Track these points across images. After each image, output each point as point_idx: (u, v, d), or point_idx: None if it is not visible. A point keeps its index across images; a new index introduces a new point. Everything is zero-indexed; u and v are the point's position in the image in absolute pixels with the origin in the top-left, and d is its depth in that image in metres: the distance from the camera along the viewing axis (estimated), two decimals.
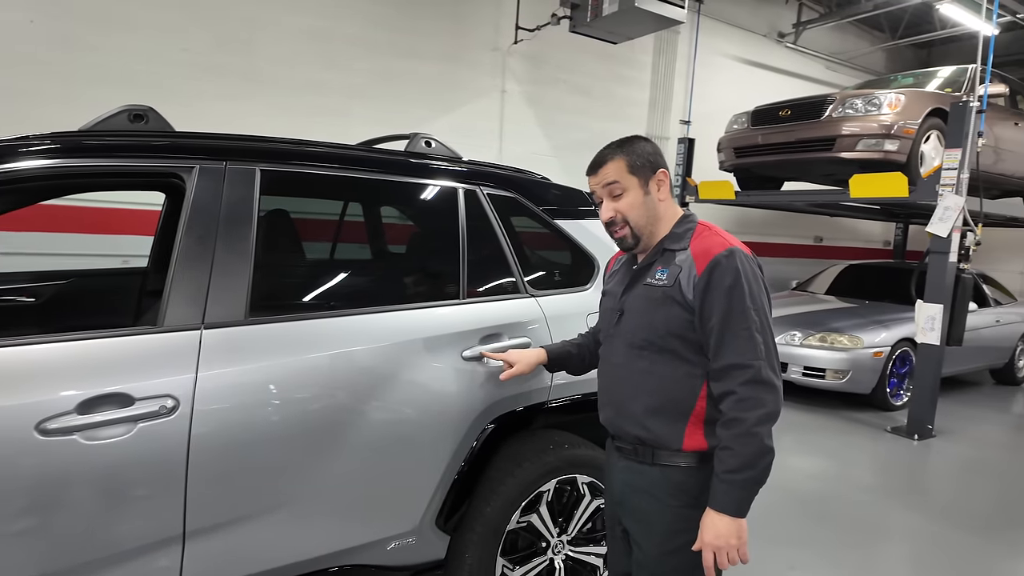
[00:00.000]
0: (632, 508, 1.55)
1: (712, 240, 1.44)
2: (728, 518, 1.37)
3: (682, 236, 1.48)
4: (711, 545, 1.38)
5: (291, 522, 1.64)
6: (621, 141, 1.52)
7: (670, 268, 1.45)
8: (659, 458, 1.48)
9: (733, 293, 1.36)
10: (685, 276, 1.41)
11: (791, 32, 8.72)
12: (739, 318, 1.36)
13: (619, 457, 1.59)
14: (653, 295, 1.46)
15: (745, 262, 1.40)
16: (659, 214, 1.50)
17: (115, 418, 1.40)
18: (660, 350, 1.45)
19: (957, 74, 6.34)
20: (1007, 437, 5.45)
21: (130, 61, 4.70)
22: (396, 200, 2.36)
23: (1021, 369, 7.27)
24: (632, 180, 1.48)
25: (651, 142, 1.53)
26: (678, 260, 1.45)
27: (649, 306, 1.47)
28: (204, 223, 1.61)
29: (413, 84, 5.98)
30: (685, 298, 1.41)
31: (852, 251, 9.95)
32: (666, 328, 1.44)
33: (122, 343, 1.48)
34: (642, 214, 1.48)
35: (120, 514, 1.44)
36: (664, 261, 1.48)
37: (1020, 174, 6.58)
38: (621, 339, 1.54)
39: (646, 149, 1.50)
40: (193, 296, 1.56)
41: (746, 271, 1.39)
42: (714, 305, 1.37)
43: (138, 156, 1.61)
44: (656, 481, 1.49)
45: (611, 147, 1.51)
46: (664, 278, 1.45)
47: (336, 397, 1.69)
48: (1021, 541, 3.37)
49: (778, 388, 1.37)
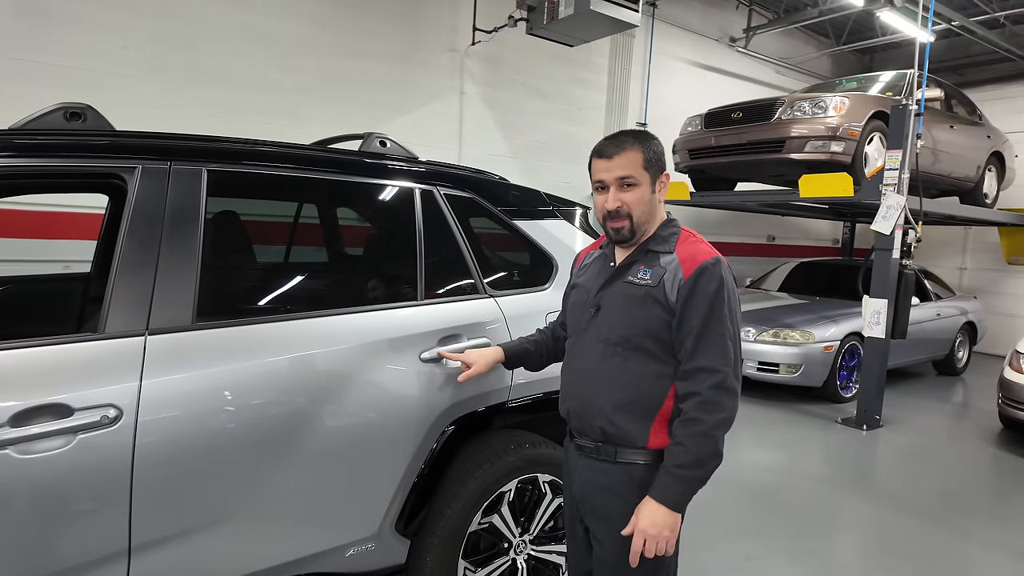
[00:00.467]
0: (594, 506, 1.56)
1: (699, 247, 1.49)
2: (666, 509, 1.40)
3: (667, 239, 1.52)
4: (643, 532, 1.41)
5: (244, 532, 1.59)
6: (639, 133, 1.51)
7: (654, 269, 1.48)
8: (621, 456, 1.50)
9: (716, 300, 1.42)
10: (670, 278, 1.45)
11: (742, 37, 8.95)
12: (717, 324, 1.41)
13: (579, 456, 1.60)
14: (635, 293, 1.49)
15: (727, 273, 1.46)
16: (656, 214, 1.54)
17: (52, 430, 1.34)
18: (635, 348, 1.48)
19: (897, 79, 6.62)
20: (950, 425, 5.71)
21: (65, 59, 4.50)
22: (351, 201, 2.32)
23: (961, 360, 7.63)
24: (645, 176, 1.49)
25: (660, 141, 1.56)
26: (663, 262, 1.48)
27: (629, 304, 1.49)
28: (147, 225, 1.55)
29: (369, 85, 5.90)
30: (668, 300, 1.44)
31: (803, 249, 10.29)
32: (644, 327, 1.46)
33: (60, 351, 1.41)
34: (644, 211, 1.51)
35: (61, 530, 1.37)
36: (647, 261, 1.51)
37: (956, 174, 6.92)
38: (594, 334, 1.55)
39: (659, 148, 1.53)
40: (136, 301, 1.50)
41: (728, 281, 1.45)
42: (696, 309, 1.42)
43: (75, 156, 1.54)
44: (618, 479, 1.51)
45: (629, 137, 1.49)
46: (648, 278, 1.48)
47: (289, 403, 1.65)
48: (967, 525, 3.53)
49: (736, 397, 1.43)
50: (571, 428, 1.64)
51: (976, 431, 5.41)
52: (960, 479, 4.31)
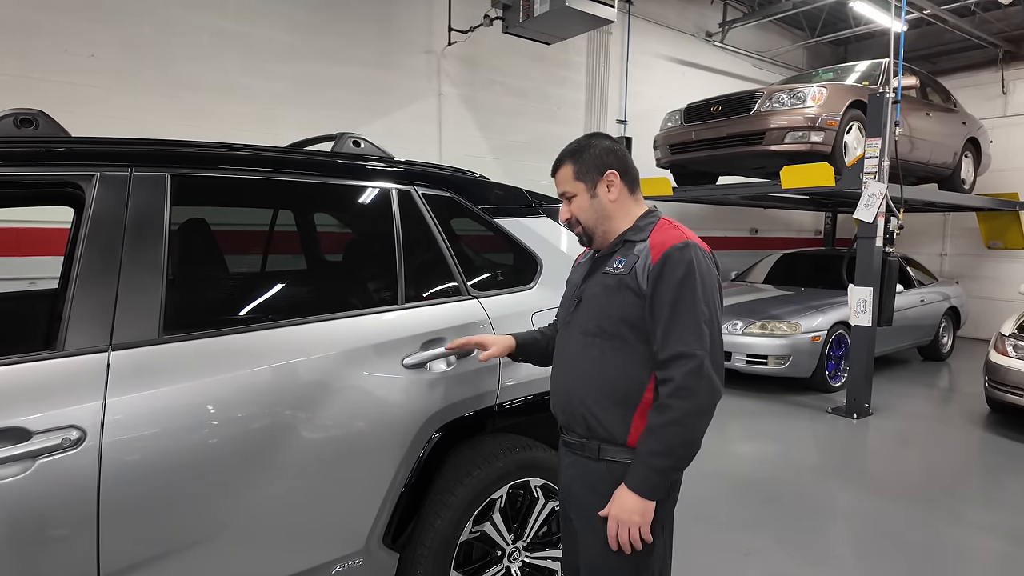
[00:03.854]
0: (577, 503, 1.56)
1: (670, 233, 1.48)
2: (636, 497, 1.40)
3: (643, 229, 1.53)
4: (615, 517, 1.42)
5: (221, 554, 1.51)
6: (574, 146, 1.58)
7: (628, 257, 1.49)
8: (604, 453, 1.49)
9: (684, 283, 1.40)
10: (640, 264, 1.45)
11: (718, 31, 8.98)
12: (688, 308, 1.39)
13: (567, 452, 1.61)
14: (609, 283, 1.50)
15: (700, 256, 1.43)
16: (608, 213, 1.55)
17: (8, 456, 1.25)
18: (611, 337, 1.47)
19: (872, 68, 6.66)
20: (938, 410, 5.75)
21: (29, 70, 4.36)
22: (325, 204, 2.25)
23: (945, 345, 7.70)
24: (579, 186, 1.55)
25: (607, 141, 1.58)
26: (636, 250, 1.49)
27: (605, 293, 1.50)
28: (107, 235, 1.47)
29: (344, 88, 5.82)
30: (639, 286, 1.44)
31: (786, 241, 10.34)
32: (619, 314, 1.46)
33: (14, 371, 1.33)
34: (590, 216, 1.55)
35: (23, 560, 1.28)
36: (624, 251, 1.52)
37: (934, 161, 6.98)
38: (576, 326, 1.56)
39: (595, 152, 1.54)
40: (98, 315, 1.42)
41: (700, 264, 1.42)
42: (665, 294, 1.40)
43: (27, 163, 1.46)
44: (601, 476, 1.50)
45: (564, 153, 1.58)
46: (621, 267, 1.49)
47: (267, 416, 1.57)
48: (958, 509, 3.53)
49: (716, 385, 1.40)
50: (560, 424, 1.63)
51: (964, 415, 5.44)
52: (951, 464, 4.32)
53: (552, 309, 2.21)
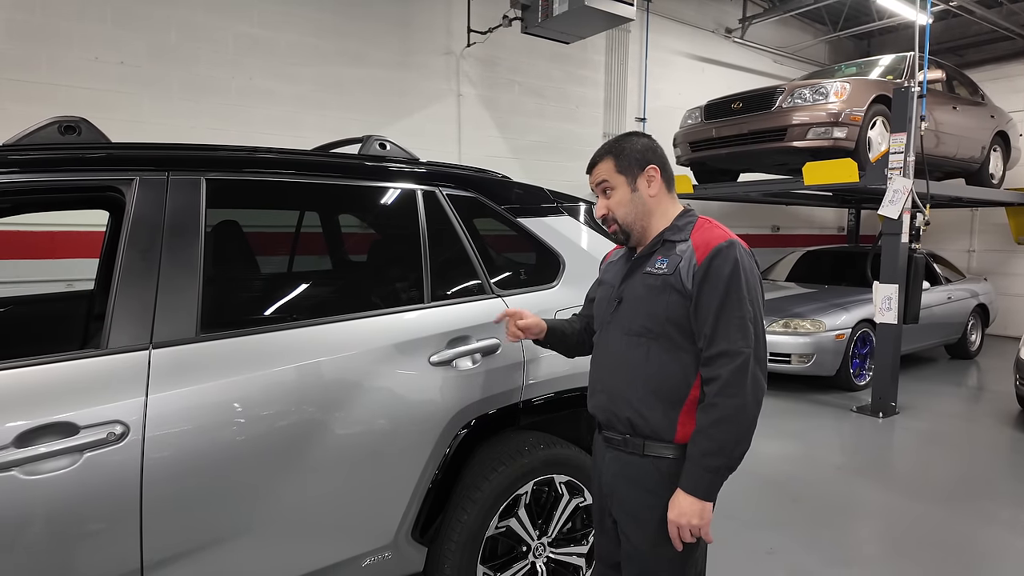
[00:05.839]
0: (622, 499, 1.55)
1: (713, 232, 1.48)
2: (692, 498, 1.40)
3: (683, 228, 1.53)
4: (673, 522, 1.43)
5: (256, 546, 1.56)
6: (614, 140, 1.59)
7: (670, 257, 1.49)
8: (649, 449, 1.49)
9: (731, 282, 1.40)
10: (685, 265, 1.45)
11: (738, 27, 8.90)
12: (734, 306, 1.40)
13: (608, 448, 1.60)
14: (653, 283, 1.50)
15: (743, 254, 1.45)
16: (649, 209, 1.56)
17: (58, 449, 1.31)
18: (657, 336, 1.48)
19: (897, 62, 6.56)
20: (967, 409, 5.64)
21: (62, 77, 4.49)
22: (353, 205, 2.29)
23: (974, 343, 7.55)
24: (620, 179, 1.55)
25: (646, 138, 1.59)
26: (679, 250, 1.49)
27: (649, 294, 1.50)
28: (147, 237, 1.53)
29: (365, 91, 5.88)
30: (684, 286, 1.44)
31: (808, 238, 10.21)
32: (665, 315, 1.47)
33: (63, 369, 1.39)
34: (629, 211, 1.55)
35: (70, 551, 1.34)
36: (664, 251, 1.52)
37: (960, 155, 6.85)
38: (618, 326, 1.56)
39: (636, 147, 1.55)
40: (139, 315, 1.47)
41: (744, 263, 1.43)
42: (711, 293, 1.41)
43: (72, 170, 1.52)
44: (647, 472, 1.50)
45: (604, 147, 1.59)
46: (664, 267, 1.49)
47: (299, 413, 1.62)
48: (987, 510, 3.47)
49: (761, 382, 1.41)
50: (599, 421, 1.63)
51: (993, 414, 5.33)
52: (980, 463, 4.25)
53: (575, 307, 2.23)
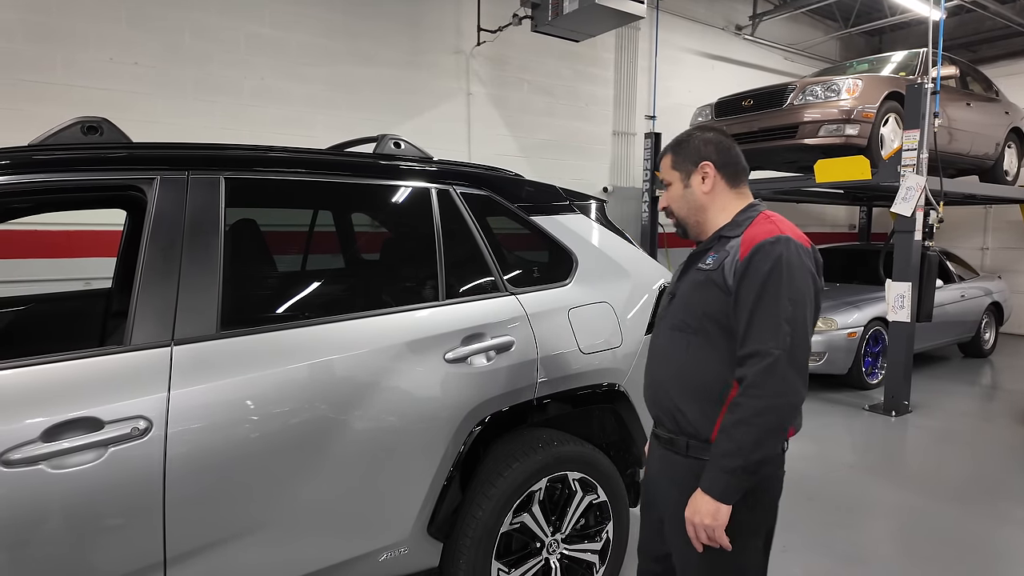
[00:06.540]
0: (664, 497, 1.56)
1: (763, 227, 1.43)
2: (709, 499, 1.36)
3: (741, 224, 1.49)
4: (688, 519, 1.40)
5: (276, 540, 1.58)
6: (678, 136, 1.60)
7: (719, 253, 1.47)
8: (692, 450, 1.47)
9: (768, 279, 1.35)
10: (729, 260, 1.43)
11: (748, 24, 8.85)
12: (770, 305, 1.34)
13: (657, 445, 1.61)
14: (698, 278, 1.49)
15: (791, 251, 1.37)
16: (702, 205, 1.54)
17: (84, 444, 1.34)
18: (695, 332, 1.47)
19: (910, 58, 6.50)
20: (980, 408, 5.59)
21: (78, 78, 4.55)
22: (368, 204, 2.31)
23: (987, 341, 7.48)
24: (674, 175, 1.57)
25: (710, 133, 1.56)
26: (728, 246, 1.46)
27: (693, 289, 1.50)
28: (168, 235, 1.55)
29: (376, 91, 5.91)
30: (726, 282, 1.41)
31: (819, 236, 10.14)
32: (703, 309, 1.45)
33: (88, 365, 1.41)
34: (682, 206, 1.56)
35: (96, 544, 1.37)
36: (718, 247, 1.50)
37: (974, 152, 6.78)
38: (667, 321, 1.57)
39: (694, 143, 1.55)
40: (161, 312, 1.50)
41: (790, 259, 1.36)
42: (748, 290, 1.37)
43: (95, 169, 1.54)
44: (686, 472, 1.46)
45: (669, 143, 1.61)
46: (711, 263, 1.47)
47: (316, 409, 1.64)
48: (1001, 510, 3.45)
49: (792, 385, 1.33)
50: (652, 417, 1.64)
51: (1008, 413, 5.29)
52: (994, 462, 4.21)
53: (587, 305, 2.25)
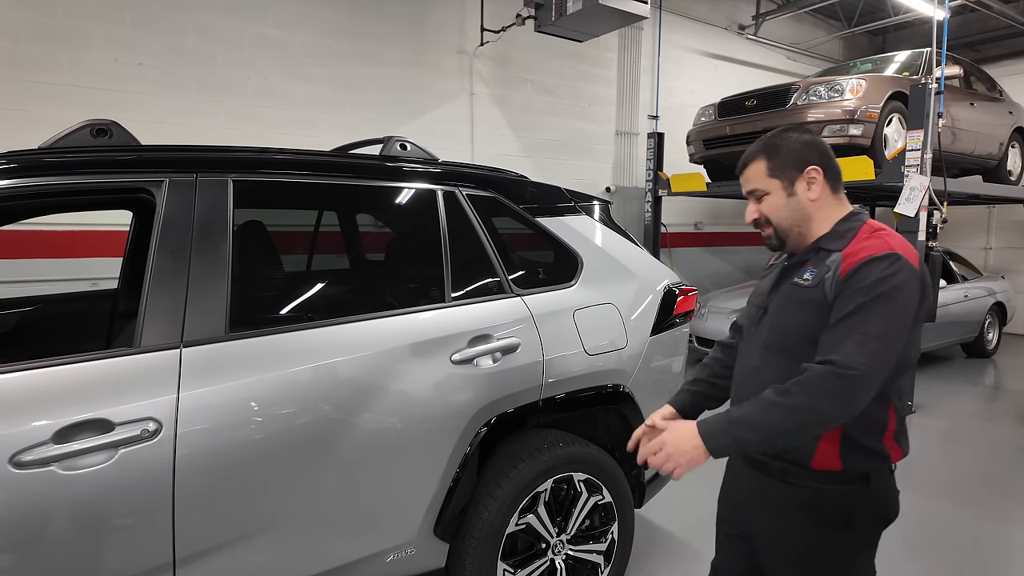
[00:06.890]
0: (761, 523, 1.43)
1: (869, 242, 1.28)
2: (699, 441, 1.24)
3: (843, 235, 1.34)
4: (663, 439, 1.29)
5: (285, 541, 1.59)
6: (766, 140, 1.42)
7: (819, 268, 1.32)
8: (788, 475, 1.35)
9: (867, 295, 1.21)
10: (830, 277, 1.28)
11: (751, 24, 8.85)
12: (862, 320, 1.20)
13: (743, 463, 1.47)
14: (795, 296, 1.35)
15: (902, 270, 1.23)
16: (808, 214, 1.37)
17: (95, 445, 1.34)
18: (794, 354, 1.30)
19: (913, 58, 6.49)
20: (983, 408, 5.59)
21: (84, 79, 4.56)
22: (374, 205, 2.32)
23: (991, 341, 7.47)
24: (773, 183, 1.39)
25: (806, 135, 1.41)
26: (829, 260, 1.31)
27: (788, 307, 1.36)
28: (177, 237, 1.56)
29: (380, 91, 5.92)
30: (827, 300, 1.28)
31: None
32: (801, 331, 1.31)
33: (98, 367, 1.42)
34: (785, 216, 1.38)
35: (106, 544, 1.38)
36: (816, 261, 1.35)
37: (978, 152, 6.77)
38: (758, 338, 1.42)
39: (794, 146, 1.38)
40: (170, 313, 1.51)
41: (898, 280, 1.22)
42: (842, 304, 1.24)
43: (104, 172, 1.55)
44: (788, 499, 1.35)
45: (754, 147, 1.42)
46: (810, 279, 1.32)
47: (324, 410, 1.65)
48: (1007, 510, 3.45)
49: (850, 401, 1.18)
50: None
51: (1010, 413, 5.28)
52: (998, 462, 4.21)
53: (594, 306, 2.25)
